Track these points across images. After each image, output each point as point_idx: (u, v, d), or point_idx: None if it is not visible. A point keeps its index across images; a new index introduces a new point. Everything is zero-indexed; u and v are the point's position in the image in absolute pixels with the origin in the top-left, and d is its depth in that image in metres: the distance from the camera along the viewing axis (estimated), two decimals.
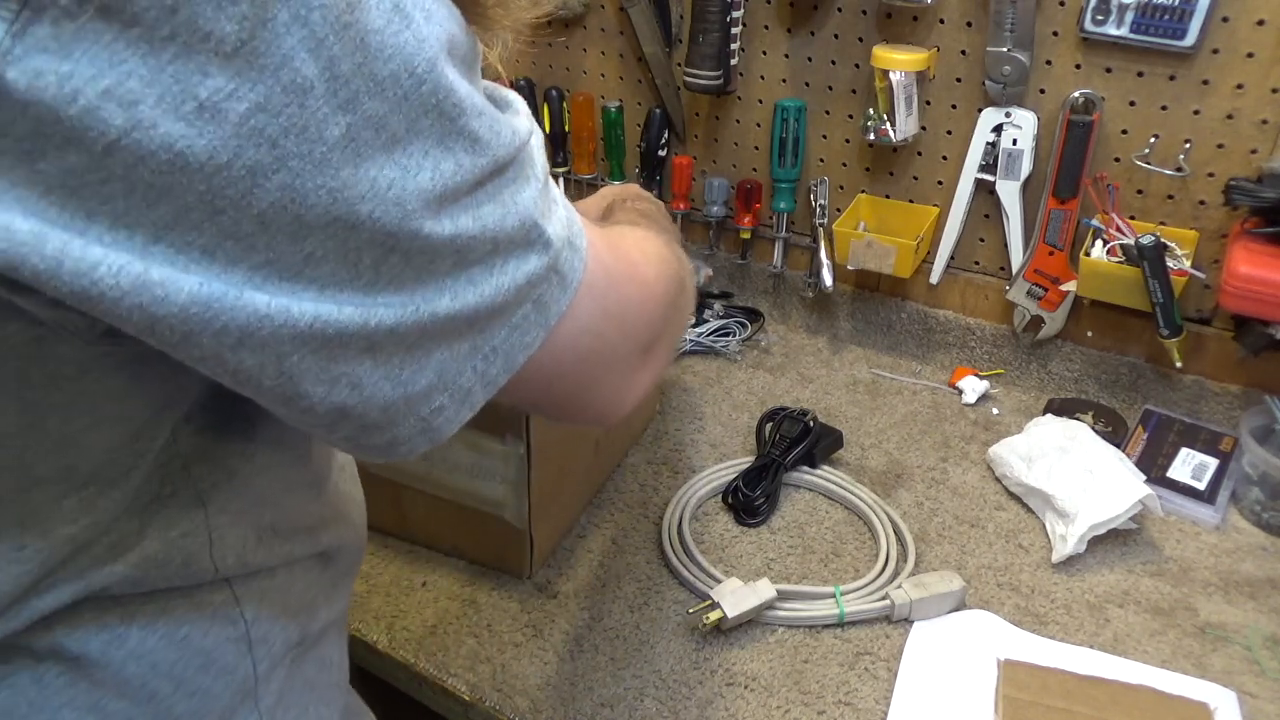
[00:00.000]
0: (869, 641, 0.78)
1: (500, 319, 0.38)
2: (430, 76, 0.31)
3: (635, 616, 0.80)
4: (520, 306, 0.38)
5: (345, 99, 0.29)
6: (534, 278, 0.38)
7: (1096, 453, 0.90)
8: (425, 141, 0.32)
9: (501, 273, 0.37)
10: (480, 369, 0.38)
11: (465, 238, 0.34)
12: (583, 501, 0.92)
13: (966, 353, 1.15)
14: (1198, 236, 0.97)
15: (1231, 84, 0.90)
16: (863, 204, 1.15)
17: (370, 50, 0.29)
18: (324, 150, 0.29)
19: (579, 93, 1.27)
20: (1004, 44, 0.97)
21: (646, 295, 0.48)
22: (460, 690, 0.74)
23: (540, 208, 0.38)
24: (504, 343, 0.38)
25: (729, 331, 1.19)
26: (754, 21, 1.13)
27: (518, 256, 0.37)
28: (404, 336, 0.34)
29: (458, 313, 0.36)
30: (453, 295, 0.35)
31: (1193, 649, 0.78)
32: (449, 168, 0.33)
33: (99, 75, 0.25)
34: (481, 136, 0.34)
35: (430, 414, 0.38)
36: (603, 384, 0.46)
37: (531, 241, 0.38)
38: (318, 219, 0.30)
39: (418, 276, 0.34)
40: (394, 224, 0.32)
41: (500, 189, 0.36)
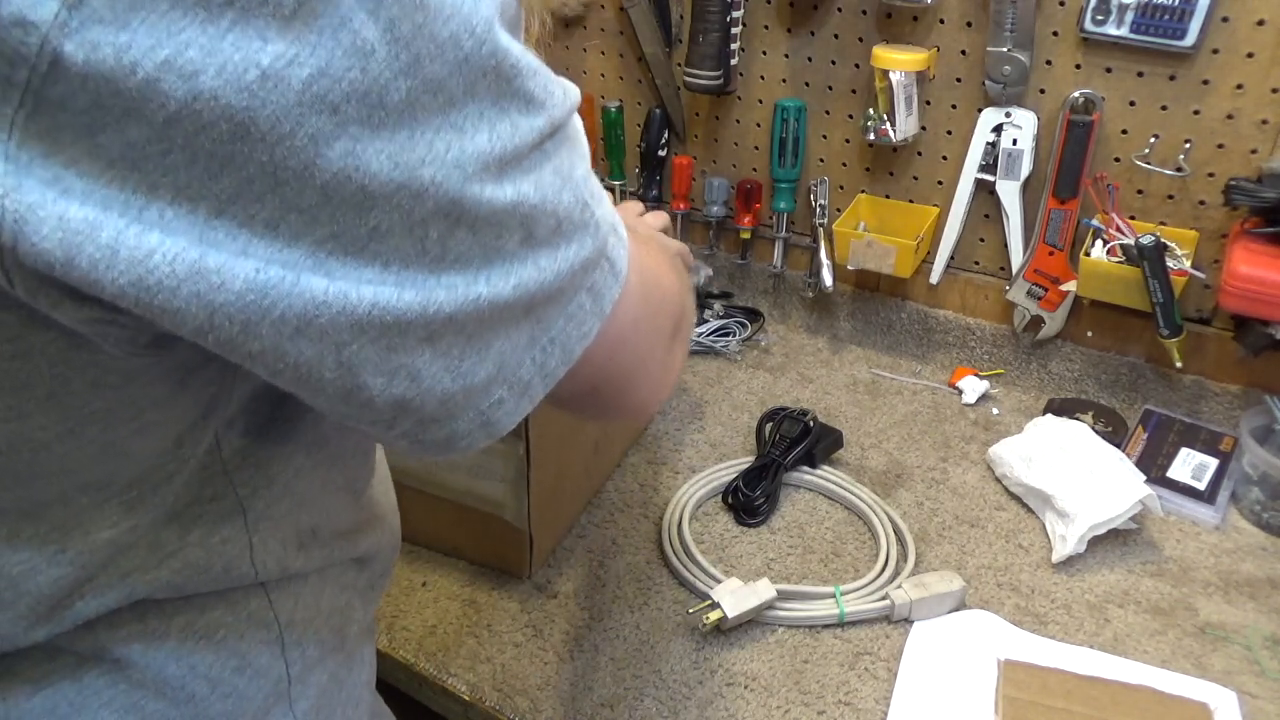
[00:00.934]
0: (869, 641, 0.78)
1: (558, 307, 0.37)
2: (489, 37, 0.30)
3: (635, 616, 0.80)
4: (576, 294, 0.38)
5: (407, 62, 0.28)
6: (588, 262, 0.37)
7: (1096, 453, 0.90)
8: (481, 103, 0.31)
9: (563, 256, 0.36)
10: (539, 360, 0.37)
11: (528, 206, 0.33)
12: (583, 501, 0.92)
13: (966, 353, 1.15)
14: (1198, 236, 0.97)
15: (1231, 84, 0.90)
16: (863, 204, 1.15)
17: (430, 10, 0.28)
18: (384, 115, 0.28)
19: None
20: (1004, 44, 0.97)
21: (670, 282, 0.48)
22: (460, 690, 0.74)
23: (590, 187, 0.37)
24: (561, 333, 0.38)
25: (729, 331, 1.19)
26: (754, 21, 1.13)
27: (576, 239, 0.36)
28: (463, 325, 0.34)
29: (517, 299, 0.35)
30: (516, 278, 0.34)
31: (1193, 649, 0.78)
32: (505, 129, 0.32)
33: (157, 45, 0.25)
34: (537, 96, 0.33)
35: (490, 407, 0.37)
36: (645, 374, 0.46)
37: (585, 223, 0.37)
38: (381, 188, 0.29)
39: (485, 254, 0.33)
40: (456, 189, 0.31)
41: (558, 150, 0.35)
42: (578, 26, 1.26)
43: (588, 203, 0.37)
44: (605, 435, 0.92)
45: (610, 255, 0.39)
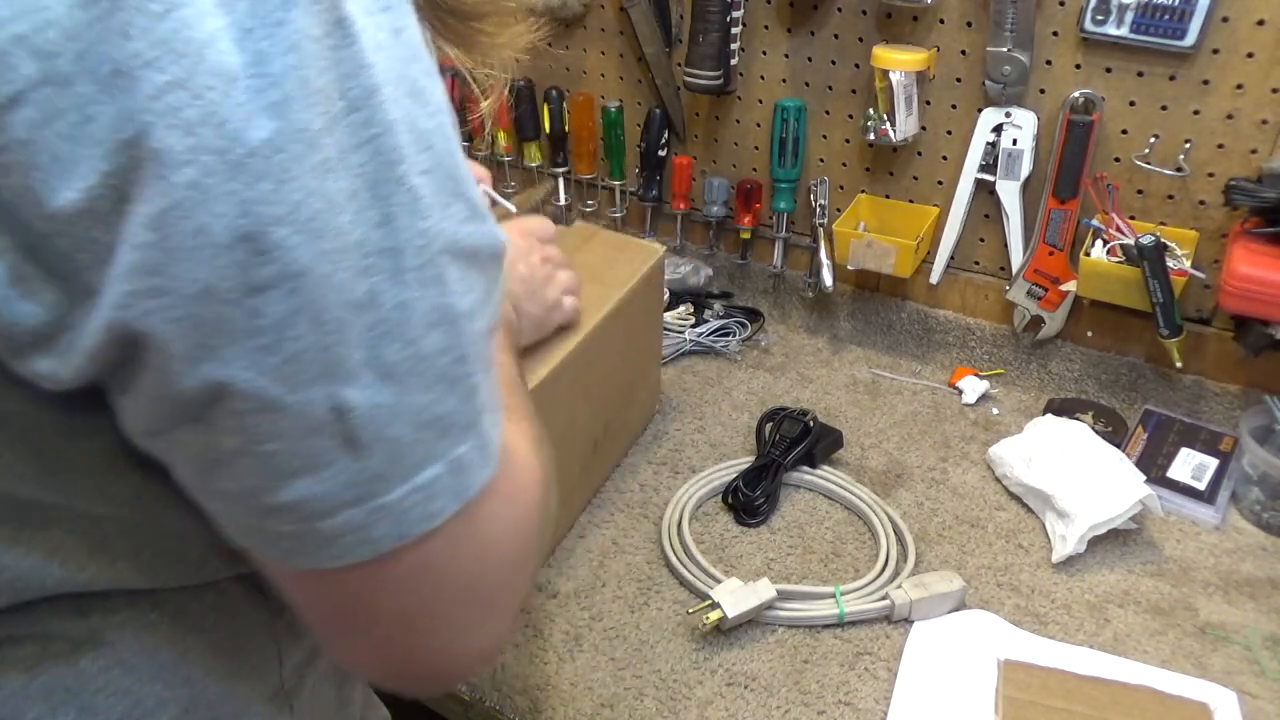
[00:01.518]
0: (869, 641, 0.78)
1: (400, 460, 0.33)
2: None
3: (635, 616, 0.80)
4: (432, 457, 0.33)
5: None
6: (459, 422, 0.34)
7: (1096, 453, 0.90)
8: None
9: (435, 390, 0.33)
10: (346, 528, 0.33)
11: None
12: (583, 501, 0.92)
13: (966, 353, 1.15)
14: (1198, 236, 0.97)
15: (1231, 84, 0.90)
16: (863, 204, 1.15)
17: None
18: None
19: (579, 93, 1.27)
20: (1004, 44, 0.97)
21: (525, 529, 0.41)
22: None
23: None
24: (402, 501, 0.33)
25: (729, 331, 1.19)
26: (754, 21, 1.13)
27: (460, 381, 0.33)
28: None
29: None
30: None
31: (1193, 649, 0.78)
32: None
33: None
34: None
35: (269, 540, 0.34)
36: (467, 621, 0.38)
37: (467, 375, 0.34)
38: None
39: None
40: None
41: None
42: (578, 26, 1.26)
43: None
44: (605, 435, 0.92)
45: (484, 432, 0.36)
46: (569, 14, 1.23)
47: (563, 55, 1.30)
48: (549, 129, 1.31)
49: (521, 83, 1.30)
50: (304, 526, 0.33)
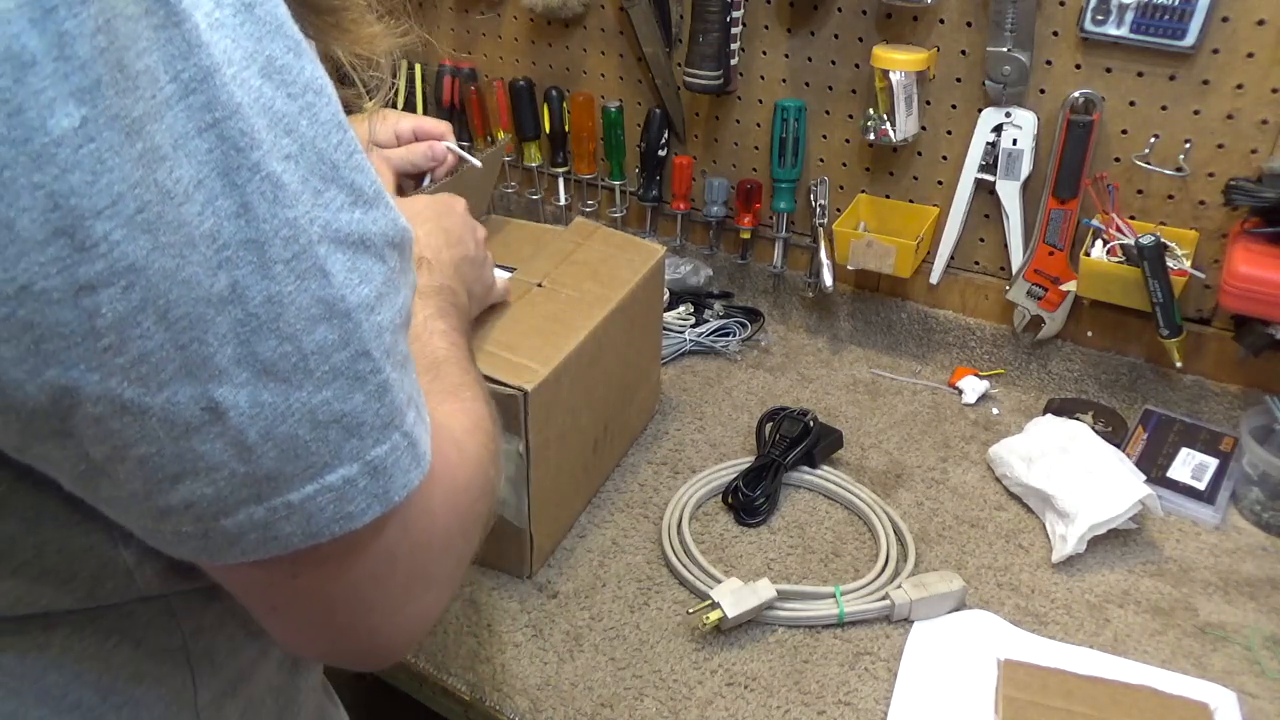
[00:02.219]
0: (869, 641, 0.78)
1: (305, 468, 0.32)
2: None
3: (635, 616, 0.80)
4: (341, 458, 0.32)
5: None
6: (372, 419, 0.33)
7: (1096, 453, 0.90)
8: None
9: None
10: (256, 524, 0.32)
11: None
12: (583, 501, 0.92)
13: (966, 353, 1.15)
14: (1198, 236, 0.97)
15: (1231, 84, 0.90)
16: (863, 204, 1.15)
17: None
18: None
19: (579, 93, 1.27)
20: (1004, 44, 0.97)
21: (461, 506, 0.41)
22: (460, 690, 0.74)
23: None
24: (309, 502, 0.32)
25: (729, 331, 1.19)
26: (754, 21, 1.13)
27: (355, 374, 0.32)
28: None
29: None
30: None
31: (1193, 649, 0.78)
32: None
33: None
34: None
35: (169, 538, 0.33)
36: (402, 601, 0.39)
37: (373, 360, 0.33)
38: None
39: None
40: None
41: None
42: (578, 26, 1.26)
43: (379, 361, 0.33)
44: (605, 435, 0.92)
45: (413, 433, 0.35)
46: (569, 14, 1.23)
47: (563, 55, 1.30)
48: (549, 129, 1.31)
49: (521, 82, 1.30)
50: (204, 526, 0.32)
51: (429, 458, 0.36)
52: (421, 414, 0.36)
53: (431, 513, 0.38)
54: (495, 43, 1.35)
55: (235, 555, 0.33)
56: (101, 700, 0.40)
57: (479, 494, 0.43)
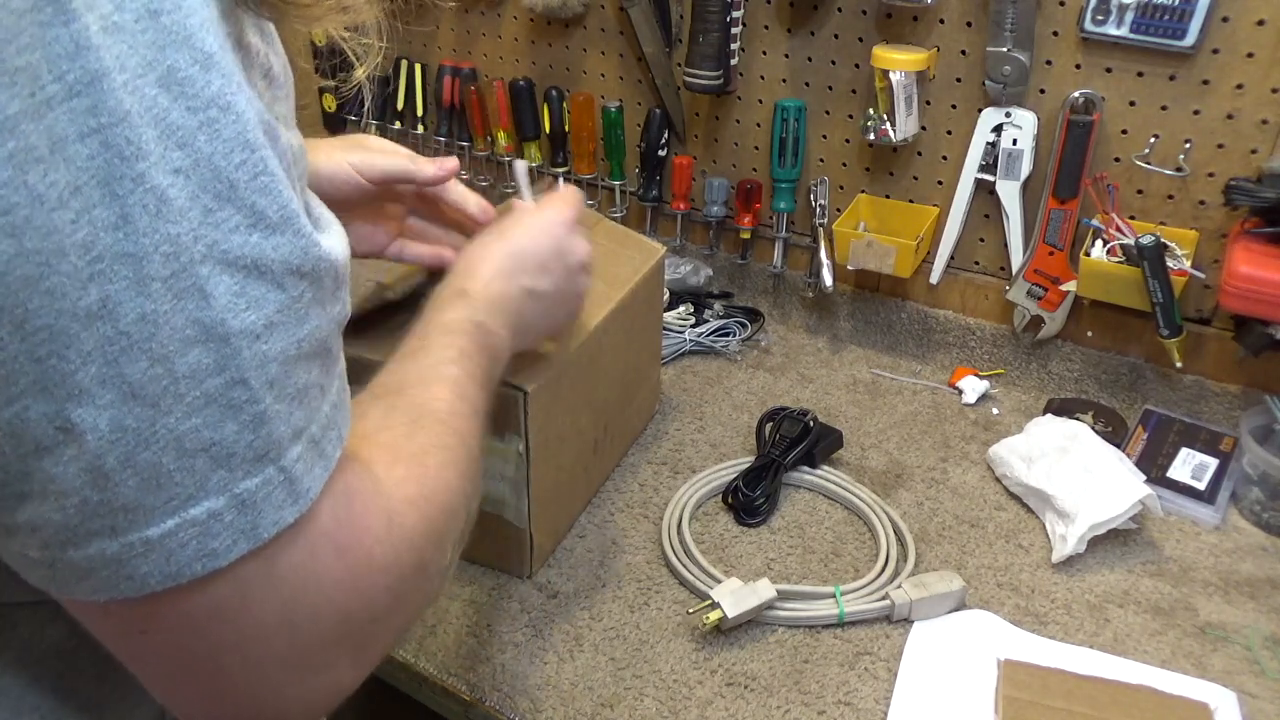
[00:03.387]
0: (869, 641, 0.78)
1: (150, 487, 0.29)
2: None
3: (635, 616, 0.80)
4: (207, 490, 0.30)
5: None
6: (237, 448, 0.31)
7: (1096, 453, 0.90)
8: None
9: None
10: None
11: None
12: (583, 501, 0.92)
13: (966, 353, 1.15)
14: (1198, 236, 0.97)
15: (1231, 84, 0.90)
16: (863, 204, 1.15)
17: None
18: None
19: (579, 93, 1.27)
20: (1004, 44, 0.97)
21: (371, 585, 0.37)
22: (460, 690, 0.74)
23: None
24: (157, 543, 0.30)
25: (729, 331, 1.19)
26: (754, 21, 1.13)
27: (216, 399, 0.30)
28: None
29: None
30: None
31: (1193, 649, 0.78)
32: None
33: None
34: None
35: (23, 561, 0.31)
36: (280, 675, 0.35)
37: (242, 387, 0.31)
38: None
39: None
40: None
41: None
42: (578, 26, 1.27)
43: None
44: (605, 435, 0.92)
45: (291, 470, 0.32)
46: (569, 14, 1.23)
47: (563, 55, 1.30)
48: (549, 129, 1.31)
49: (521, 82, 1.30)
50: (50, 554, 0.30)
51: (311, 496, 0.33)
52: (321, 449, 0.34)
53: (321, 582, 0.35)
54: (495, 43, 1.35)
55: (85, 591, 0.31)
56: (61, 703, 0.38)
57: (407, 574, 0.39)
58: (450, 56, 1.40)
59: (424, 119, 1.45)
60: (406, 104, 1.45)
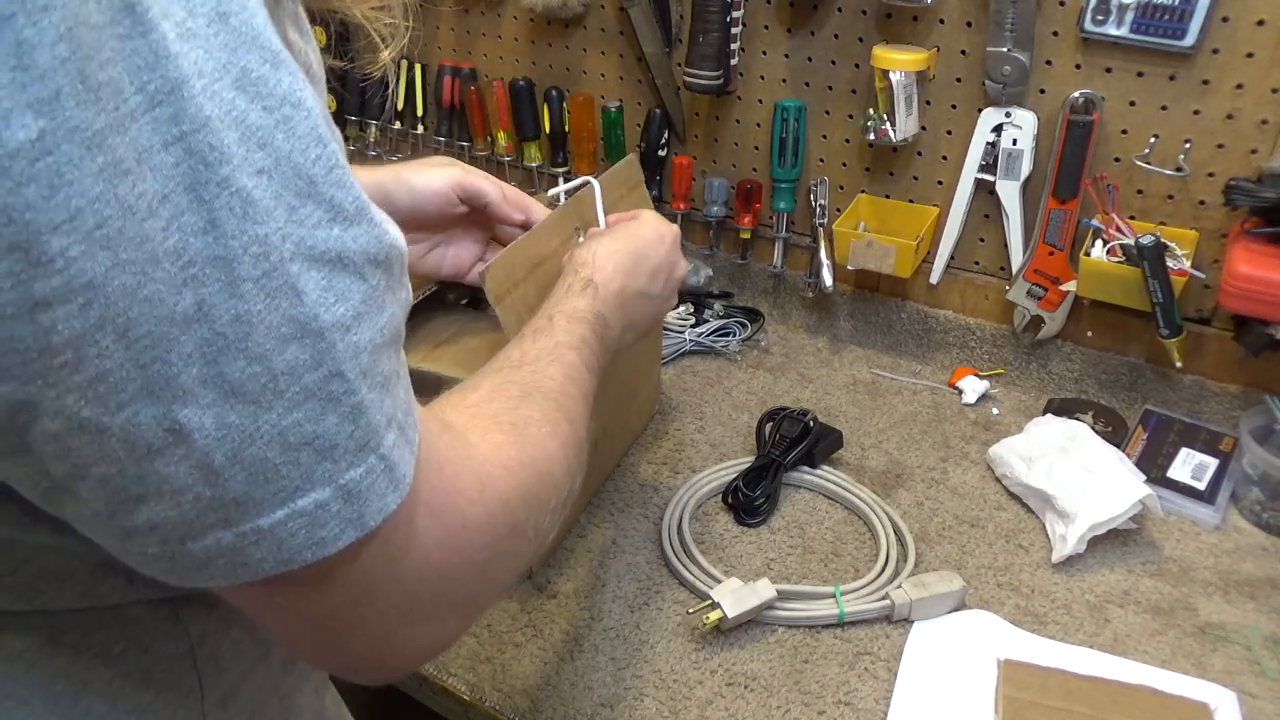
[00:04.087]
0: (869, 641, 0.78)
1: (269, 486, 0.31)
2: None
3: (635, 616, 0.80)
4: (313, 481, 0.31)
5: None
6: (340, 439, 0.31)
7: (1096, 453, 0.90)
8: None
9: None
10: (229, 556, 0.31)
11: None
12: (583, 501, 0.92)
13: (966, 353, 1.15)
14: (1198, 236, 0.97)
15: (1231, 84, 0.90)
16: (863, 204, 1.15)
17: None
18: None
19: (579, 93, 1.27)
20: (1004, 44, 0.97)
21: (469, 545, 0.40)
22: (460, 690, 0.74)
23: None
24: (280, 528, 0.31)
25: (729, 331, 1.19)
26: (754, 21, 1.13)
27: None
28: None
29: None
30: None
31: (1193, 649, 0.78)
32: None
33: None
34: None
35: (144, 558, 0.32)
36: (395, 632, 0.38)
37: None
38: None
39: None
40: None
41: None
42: (578, 26, 1.26)
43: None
44: (605, 435, 0.92)
45: (390, 455, 0.33)
46: (569, 14, 1.23)
47: (563, 55, 1.30)
48: (549, 129, 1.31)
49: (521, 82, 1.30)
50: (170, 549, 0.31)
51: (408, 481, 0.34)
52: (406, 434, 0.35)
53: (420, 545, 0.36)
54: (495, 43, 1.35)
55: (204, 579, 0.32)
56: (111, 707, 0.39)
57: (502, 534, 0.41)
58: (450, 56, 1.40)
59: (424, 119, 1.45)
60: (406, 104, 1.45)
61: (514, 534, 0.42)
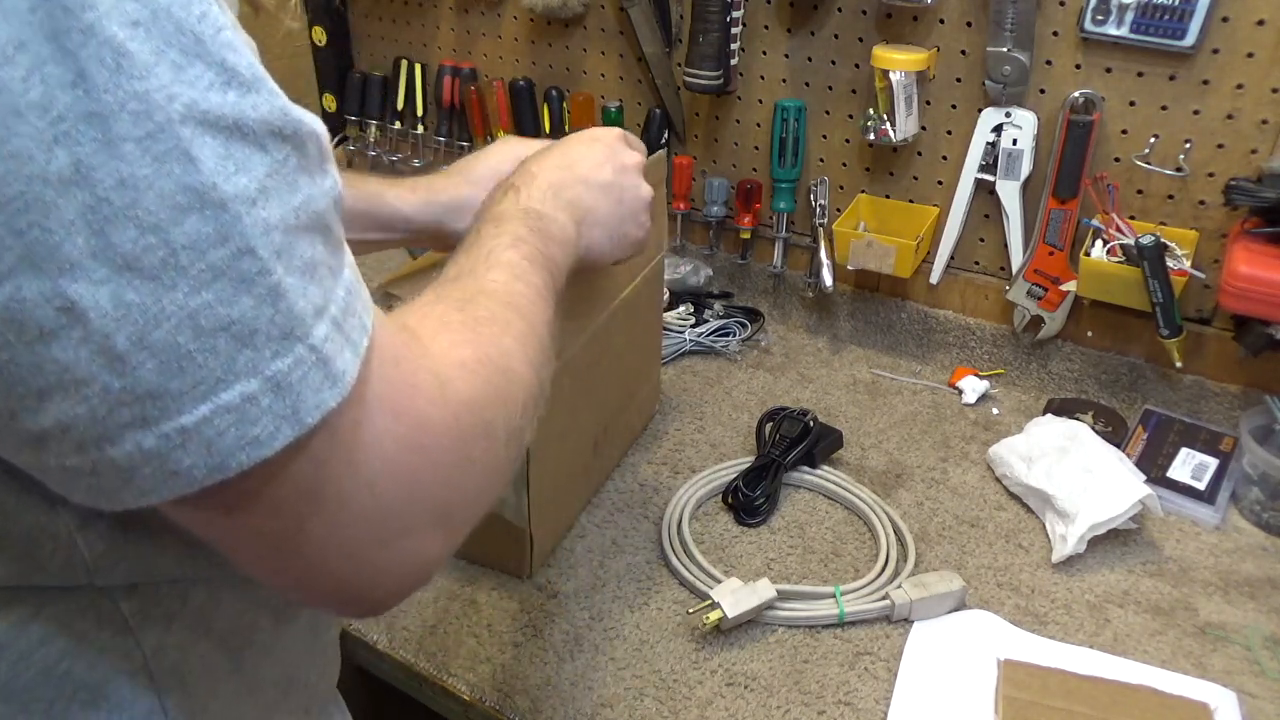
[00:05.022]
0: (869, 641, 0.78)
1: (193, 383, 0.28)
2: None
3: (635, 616, 0.80)
4: (236, 372, 0.29)
5: None
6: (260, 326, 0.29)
7: (1096, 453, 0.90)
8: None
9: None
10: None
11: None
12: (583, 501, 0.92)
13: (966, 353, 1.15)
14: (1198, 236, 0.97)
15: (1231, 84, 0.90)
16: (863, 204, 1.15)
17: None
18: None
19: (579, 93, 1.27)
20: (1004, 44, 0.97)
21: (435, 446, 0.37)
22: (460, 690, 0.74)
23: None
24: (204, 427, 0.29)
25: (729, 331, 1.19)
26: (754, 21, 1.13)
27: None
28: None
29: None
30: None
31: (1193, 649, 0.78)
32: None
33: None
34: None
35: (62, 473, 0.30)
36: (368, 550, 0.36)
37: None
38: None
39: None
40: None
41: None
42: (578, 26, 1.27)
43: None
44: (606, 435, 0.92)
45: (324, 351, 0.31)
46: (569, 14, 1.23)
47: (563, 55, 1.30)
48: (549, 129, 1.31)
49: (521, 82, 1.30)
50: (90, 458, 0.29)
51: (348, 379, 0.32)
52: (346, 333, 0.32)
53: (381, 447, 0.34)
54: (495, 43, 1.35)
55: (135, 496, 0.30)
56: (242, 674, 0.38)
57: (470, 436, 0.39)
58: (450, 56, 1.40)
59: (424, 119, 1.45)
60: (406, 104, 1.45)
61: (484, 437, 0.40)
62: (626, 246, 0.68)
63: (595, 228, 0.64)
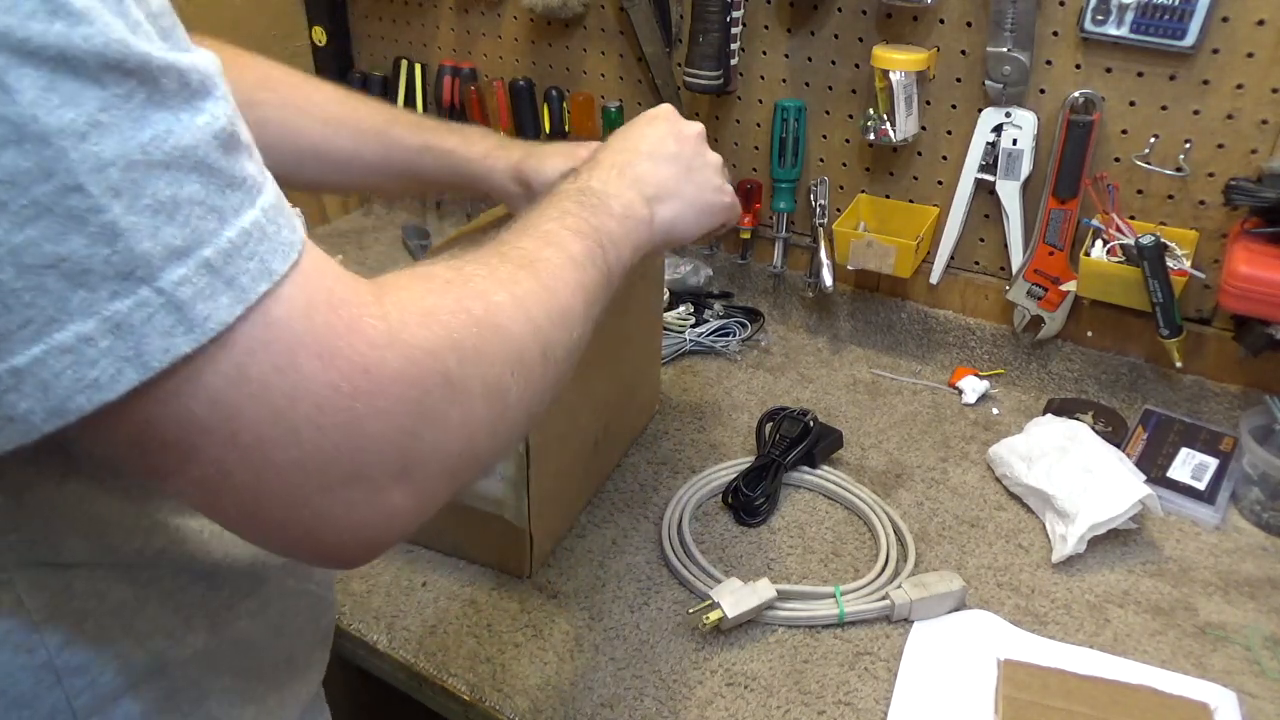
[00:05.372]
0: (869, 641, 0.78)
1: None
2: None
3: (635, 616, 0.80)
4: (70, 312, 0.28)
5: None
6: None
7: (1096, 453, 0.90)
8: None
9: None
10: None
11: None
12: (583, 501, 0.92)
13: (966, 353, 1.15)
14: (1198, 236, 0.97)
15: (1231, 84, 0.90)
16: (863, 204, 1.15)
17: None
18: None
19: (579, 93, 1.27)
20: (1004, 44, 0.97)
21: (381, 388, 0.35)
22: (460, 690, 0.74)
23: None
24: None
25: (729, 331, 1.19)
26: (754, 21, 1.13)
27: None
28: None
29: None
30: None
31: (1193, 649, 0.78)
32: None
33: None
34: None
35: None
36: (315, 498, 0.34)
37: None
38: None
39: None
40: None
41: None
42: (578, 26, 1.26)
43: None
44: (606, 434, 0.92)
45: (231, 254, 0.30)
46: (569, 14, 1.23)
47: (563, 55, 1.30)
48: (549, 129, 1.31)
49: (521, 82, 1.30)
50: None
51: (214, 325, 0.30)
52: (224, 275, 0.30)
53: (309, 392, 0.33)
54: (495, 43, 1.35)
55: None
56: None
57: (430, 385, 0.37)
58: (450, 56, 1.40)
59: None
60: (406, 104, 1.45)
61: (448, 387, 0.38)
62: (715, 214, 0.67)
63: (672, 201, 0.63)
